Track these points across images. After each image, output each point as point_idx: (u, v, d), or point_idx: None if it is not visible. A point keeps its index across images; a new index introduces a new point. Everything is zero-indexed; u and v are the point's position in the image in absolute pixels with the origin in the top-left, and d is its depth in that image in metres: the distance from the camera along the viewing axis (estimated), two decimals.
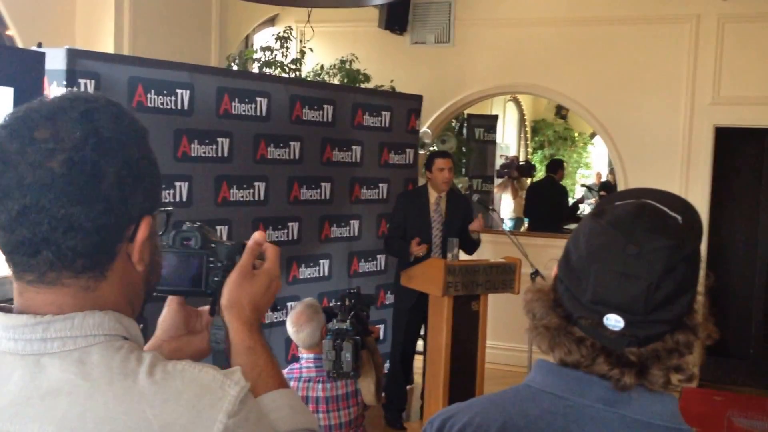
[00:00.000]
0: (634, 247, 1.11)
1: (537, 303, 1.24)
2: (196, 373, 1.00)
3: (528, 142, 14.02)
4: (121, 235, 1.04)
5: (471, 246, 5.76)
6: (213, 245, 1.23)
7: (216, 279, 1.22)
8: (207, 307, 1.27)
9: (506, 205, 11.19)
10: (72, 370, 0.96)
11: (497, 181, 10.66)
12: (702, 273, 1.18)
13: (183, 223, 1.25)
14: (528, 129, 13.96)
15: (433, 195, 5.80)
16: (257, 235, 1.24)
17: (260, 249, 1.24)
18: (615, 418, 1.15)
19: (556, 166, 9.49)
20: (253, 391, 1.05)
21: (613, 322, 1.12)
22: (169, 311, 1.29)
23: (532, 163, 12.38)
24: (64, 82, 4.15)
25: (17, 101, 3.69)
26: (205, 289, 1.23)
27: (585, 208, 11.10)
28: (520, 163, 11.56)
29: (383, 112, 6.37)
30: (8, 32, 5.23)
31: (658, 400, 1.16)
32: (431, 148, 7.76)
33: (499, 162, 10.97)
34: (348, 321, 3.50)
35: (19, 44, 5.07)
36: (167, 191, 4.61)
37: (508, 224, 10.24)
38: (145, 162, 1.06)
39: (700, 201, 6.74)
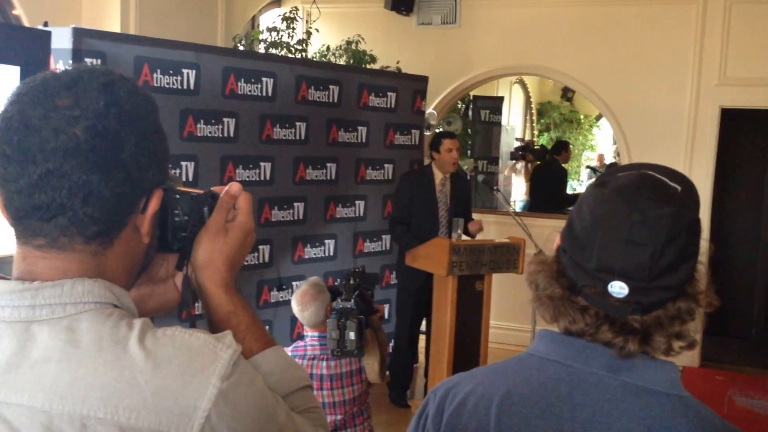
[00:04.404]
0: (638, 215, 1.13)
1: (540, 274, 1.25)
2: (187, 338, 0.99)
3: (534, 124, 13.98)
4: (135, 206, 1.04)
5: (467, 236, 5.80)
6: (177, 196, 1.12)
7: (183, 234, 1.13)
8: (172, 255, 1.17)
9: (518, 188, 11.21)
10: (61, 338, 0.95)
11: (510, 162, 10.67)
12: (704, 245, 1.19)
13: None
14: (534, 111, 13.91)
15: (438, 176, 5.80)
16: (233, 188, 1.16)
17: (234, 202, 1.16)
18: (618, 385, 1.17)
19: (559, 148, 9.46)
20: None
21: (618, 289, 1.14)
22: None
23: (545, 146, 12.34)
24: (70, 61, 4.15)
25: (23, 80, 3.69)
26: (170, 244, 1.14)
27: None
28: (535, 147, 11.57)
29: (389, 93, 6.36)
30: (15, 11, 5.23)
31: (659, 367, 1.17)
32: (437, 130, 7.76)
33: (514, 144, 10.99)
34: (352, 300, 3.52)
35: (26, 23, 5.07)
36: (173, 171, 4.61)
37: (519, 206, 10.25)
38: (158, 136, 1.07)
39: (704, 182, 6.73)
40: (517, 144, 11.20)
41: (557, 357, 1.22)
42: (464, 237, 5.65)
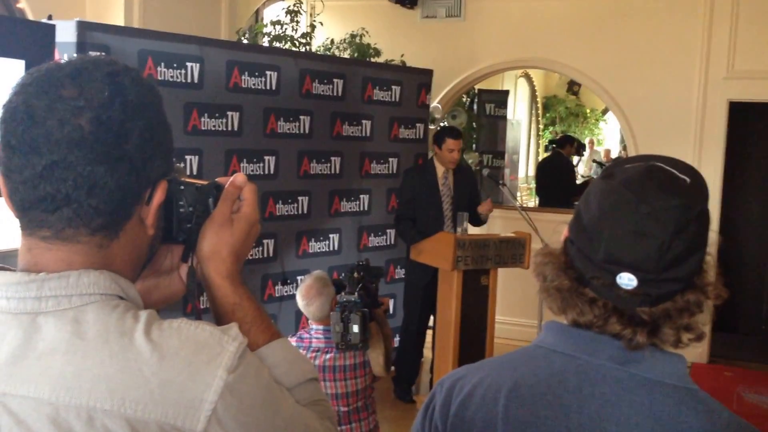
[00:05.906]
0: (646, 206, 1.11)
1: (548, 266, 1.24)
2: (193, 330, 0.98)
3: (539, 118, 13.96)
4: (140, 198, 1.04)
5: (477, 223, 5.80)
6: (182, 187, 1.11)
7: (188, 225, 1.12)
8: (177, 246, 1.17)
9: None
10: (67, 329, 0.95)
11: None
12: (713, 236, 1.18)
13: None
14: (539, 105, 13.89)
15: (440, 169, 5.79)
16: (237, 179, 1.16)
17: (239, 193, 1.16)
18: (626, 377, 1.16)
19: (563, 142, 9.44)
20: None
21: (626, 280, 1.13)
22: None
23: (582, 142, 12.27)
24: (74, 55, 4.14)
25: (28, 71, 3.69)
26: (175, 236, 1.13)
27: None
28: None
29: (393, 87, 6.35)
30: (19, 5, 5.23)
31: (668, 360, 1.17)
32: (442, 124, 7.74)
33: (520, 138, 10.98)
34: (356, 293, 3.51)
35: (30, 17, 5.06)
36: (178, 164, 4.61)
37: None
38: (163, 127, 1.07)
39: (713, 176, 6.69)
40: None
41: (565, 349, 1.21)
42: (470, 231, 5.65)
